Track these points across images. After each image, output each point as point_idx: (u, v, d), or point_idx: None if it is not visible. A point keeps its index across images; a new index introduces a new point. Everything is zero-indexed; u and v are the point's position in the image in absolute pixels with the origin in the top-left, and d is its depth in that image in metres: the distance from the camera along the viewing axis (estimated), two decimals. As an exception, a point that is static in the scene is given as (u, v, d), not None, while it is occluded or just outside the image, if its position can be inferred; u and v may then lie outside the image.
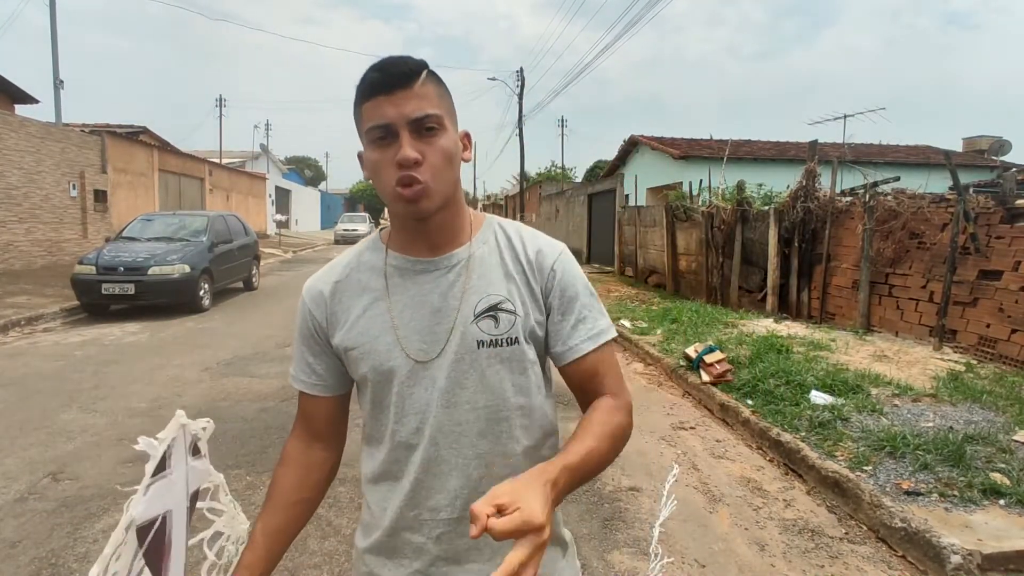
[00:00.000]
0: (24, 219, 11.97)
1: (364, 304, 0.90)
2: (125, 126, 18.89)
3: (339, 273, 0.94)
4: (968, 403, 4.07)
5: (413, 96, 0.80)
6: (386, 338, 0.87)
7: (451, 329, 0.86)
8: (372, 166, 0.84)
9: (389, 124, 0.80)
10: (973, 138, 16.63)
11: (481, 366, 0.86)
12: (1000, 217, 5.35)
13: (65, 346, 6.32)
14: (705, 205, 9.66)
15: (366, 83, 0.82)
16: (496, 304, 0.87)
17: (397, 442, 0.88)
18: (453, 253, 0.89)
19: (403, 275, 0.90)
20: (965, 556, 2.40)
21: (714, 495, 3.19)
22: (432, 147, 0.81)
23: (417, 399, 0.87)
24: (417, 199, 0.81)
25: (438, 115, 0.82)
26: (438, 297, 0.88)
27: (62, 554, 2.50)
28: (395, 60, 0.83)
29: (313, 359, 0.95)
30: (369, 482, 0.94)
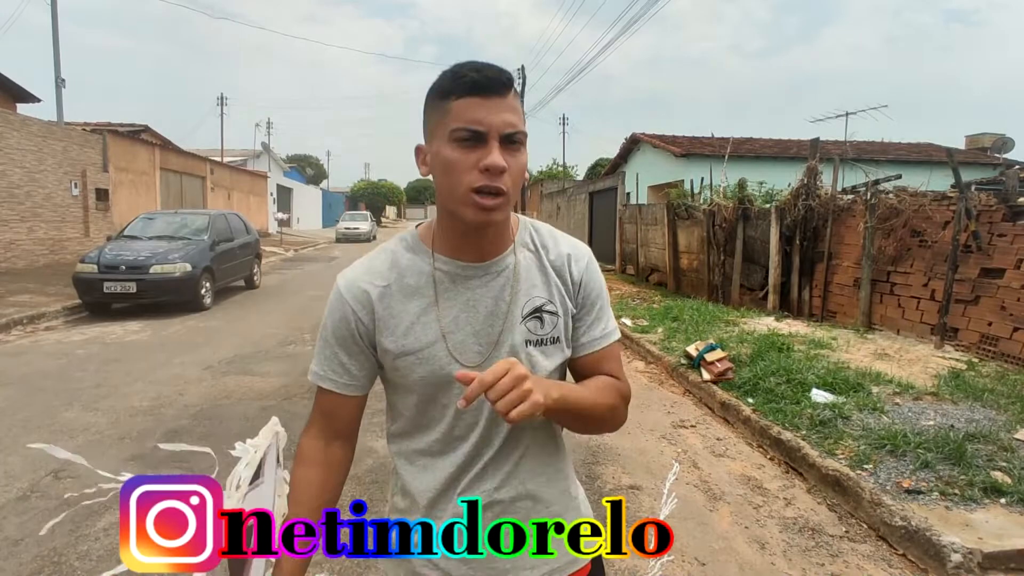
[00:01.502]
0: (26, 218, 11.99)
1: (416, 310, 0.91)
2: (127, 125, 18.91)
3: (386, 276, 0.93)
4: (969, 401, 4.07)
5: (507, 107, 0.82)
6: (442, 345, 0.90)
7: (502, 331, 0.91)
8: (446, 165, 0.83)
9: (481, 130, 0.80)
10: (976, 135, 16.59)
11: (530, 364, 0.91)
12: (1002, 215, 5.34)
13: (67, 345, 6.34)
14: (706, 203, 9.65)
15: (462, 80, 0.81)
16: (541, 306, 0.93)
17: (454, 435, 0.93)
18: (500, 258, 0.93)
19: (453, 280, 0.91)
20: (966, 555, 2.40)
21: (714, 493, 3.19)
22: (515, 160, 0.83)
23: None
24: (496, 209, 0.83)
25: (524, 132, 0.84)
26: (490, 301, 0.91)
27: (64, 552, 2.51)
28: (491, 64, 0.84)
29: (348, 359, 0.95)
30: (408, 463, 0.98)
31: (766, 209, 8.20)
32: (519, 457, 0.95)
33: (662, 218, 10.81)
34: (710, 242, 9.24)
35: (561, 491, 1.01)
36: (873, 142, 16.49)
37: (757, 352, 5.22)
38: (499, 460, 0.94)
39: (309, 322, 7.72)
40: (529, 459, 0.96)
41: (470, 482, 0.93)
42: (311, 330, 7.22)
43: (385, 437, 1.04)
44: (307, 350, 6.17)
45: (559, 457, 1.01)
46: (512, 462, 0.94)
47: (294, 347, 6.32)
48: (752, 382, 4.53)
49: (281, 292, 10.63)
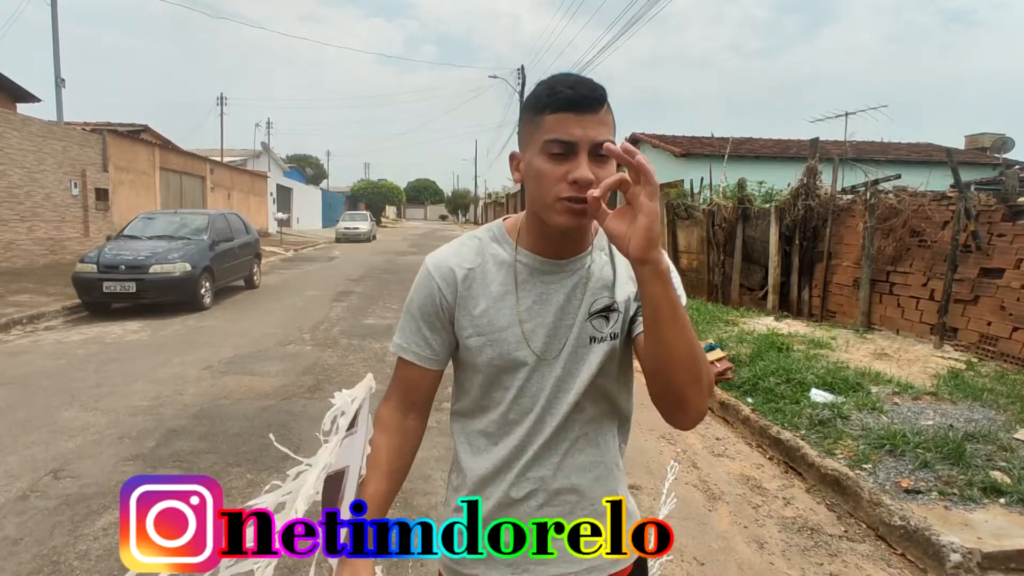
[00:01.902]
0: (26, 218, 11.99)
1: (493, 296, 0.97)
2: (126, 124, 18.90)
3: (472, 260, 0.99)
4: (969, 401, 4.07)
5: (599, 121, 0.86)
6: (514, 331, 0.96)
7: (571, 326, 0.96)
8: (537, 175, 0.89)
9: (573, 142, 0.85)
10: (976, 135, 16.59)
11: (590, 359, 0.96)
12: (1002, 215, 5.34)
13: (67, 344, 6.34)
14: (706, 203, 9.65)
15: (557, 96, 0.86)
16: (608, 306, 0.97)
17: (509, 419, 0.99)
18: (577, 258, 0.98)
19: (532, 273, 0.97)
20: (965, 554, 2.40)
21: (713, 493, 3.19)
22: (603, 171, 0.87)
23: (535, 384, 0.97)
24: (581, 215, 0.88)
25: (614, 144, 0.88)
26: (563, 297, 0.97)
27: (63, 552, 2.51)
28: (585, 81, 0.88)
29: (431, 334, 1.00)
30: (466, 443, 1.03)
31: (766, 209, 8.20)
32: (568, 448, 0.98)
33: (662, 218, 10.81)
34: (710, 242, 9.25)
35: (608, 491, 1.01)
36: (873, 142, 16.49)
37: (756, 352, 5.23)
38: (550, 449, 0.98)
39: (309, 322, 7.72)
40: (578, 453, 0.99)
41: (523, 468, 0.98)
42: (311, 330, 7.22)
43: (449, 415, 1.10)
44: (307, 350, 6.17)
45: (611, 457, 1.03)
46: (560, 454, 0.98)
47: (293, 347, 6.32)
48: (751, 382, 4.53)
49: (281, 292, 10.63)
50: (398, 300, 9.72)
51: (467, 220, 66.83)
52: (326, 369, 5.40)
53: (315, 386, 4.88)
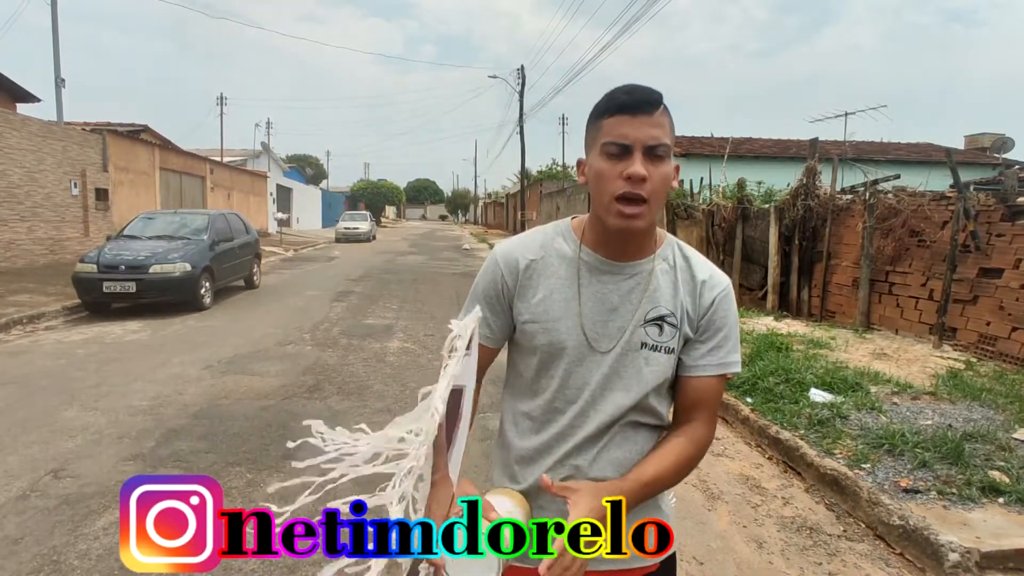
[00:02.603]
0: (26, 218, 11.99)
1: (552, 286, 1.03)
2: (126, 124, 18.90)
3: (536, 252, 1.06)
4: (967, 401, 4.08)
5: (653, 123, 0.91)
6: (567, 321, 1.01)
7: (623, 328, 1.00)
8: (596, 175, 0.95)
9: (627, 143, 0.91)
10: (975, 135, 16.59)
11: (639, 364, 1.00)
12: (1001, 215, 5.35)
13: (67, 344, 6.34)
14: (706, 203, 9.66)
15: (614, 101, 0.93)
16: (664, 316, 1.01)
17: (554, 407, 1.04)
18: (637, 263, 1.02)
19: (591, 271, 1.02)
20: (963, 554, 2.40)
21: (713, 493, 3.20)
22: (658, 170, 0.92)
23: (580, 377, 1.01)
24: (635, 217, 0.93)
25: (669, 145, 0.93)
26: (617, 298, 1.01)
27: (63, 551, 2.51)
28: (642, 87, 0.94)
29: (491, 315, 1.07)
30: (512, 423, 1.10)
31: (765, 209, 8.21)
32: (607, 443, 1.02)
33: (661, 218, 10.79)
34: (709, 242, 9.25)
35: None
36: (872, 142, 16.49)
37: (756, 352, 5.23)
38: (592, 442, 1.02)
39: (309, 322, 7.72)
40: (616, 448, 1.02)
41: (563, 456, 1.03)
42: (310, 330, 7.22)
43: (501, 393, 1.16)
44: (307, 350, 6.18)
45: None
46: (599, 447, 1.02)
47: (293, 347, 6.32)
48: (751, 382, 4.54)
49: (281, 292, 10.63)
50: (398, 300, 9.72)
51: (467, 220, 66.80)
52: (326, 369, 5.40)
53: (315, 386, 4.88)
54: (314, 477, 0.87)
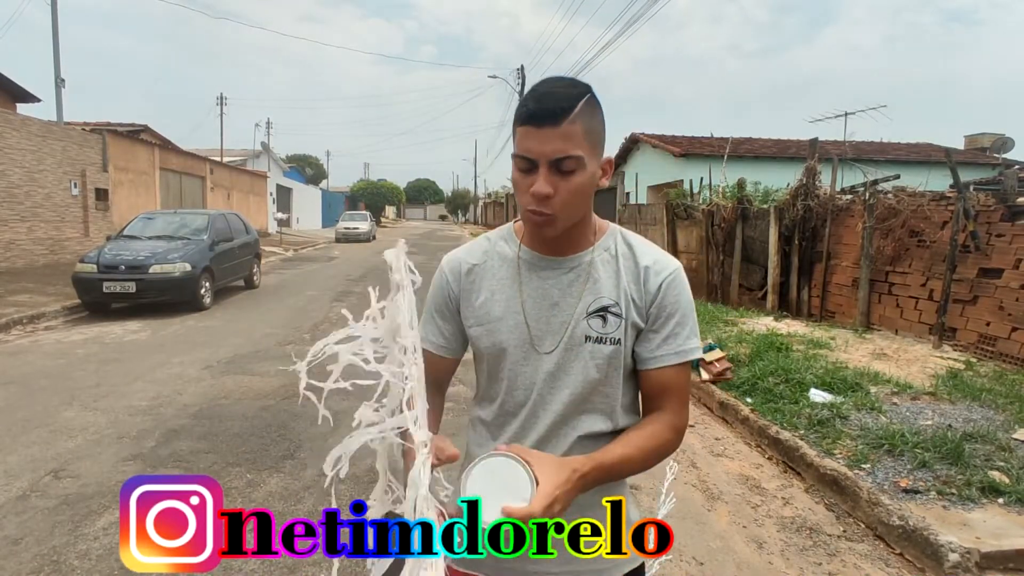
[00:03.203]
0: (26, 218, 11.99)
1: (493, 288, 1.03)
2: (126, 124, 18.90)
3: (478, 257, 1.06)
4: (967, 401, 4.08)
5: (558, 135, 0.87)
6: (508, 321, 1.00)
7: (565, 323, 0.98)
8: (513, 183, 0.94)
9: (532, 158, 0.88)
10: (975, 135, 16.60)
11: (584, 358, 0.97)
12: (1001, 215, 5.34)
13: (66, 344, 6.34)
14: (706, 203, 9.66)
15: (523, 110, 0.89)
16: (606, 306, 0.98)
17: (505, 410, 1.03)
18: (576, 256, 1.00)
19: (531, 268, 1.02)
20: (963, 554, 2.40)
21: (713, 493, 3.20)
22: (567, 183, 0.89)
23: (527, 377, 1.00)
24: (543, 226, 0.93)
25: (578, 156, 0.88)
26: (558, 293, 0.99)
27: (63, 551, 2.51)
28: (552, 92, 0.88)
29: (443, 323, 1.08)
30: (473, 429, 1.11)
31: (765, 209, 8.21)
32: (567, 450, 0.99)
33: (661, 218, 10.82)
34: (709, 242, 9.25)
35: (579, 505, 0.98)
36: (872, 142, 16.50)
37: (756, 352, 5.23)
38: (546, 446, 0.99)
39: (308, 322, 7.72)
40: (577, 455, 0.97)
41: None
42: (310, 330, 7.22)
43: None
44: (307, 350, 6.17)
45: None
46: (559, 453, 0.98)
47: (293, 347, 6.32)
48: (751, 382, 4.54)
49: (280, 292, 10.63)
50: (398, 300, 9.70)
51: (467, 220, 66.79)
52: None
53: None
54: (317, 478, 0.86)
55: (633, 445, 0.96)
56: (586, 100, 0.89)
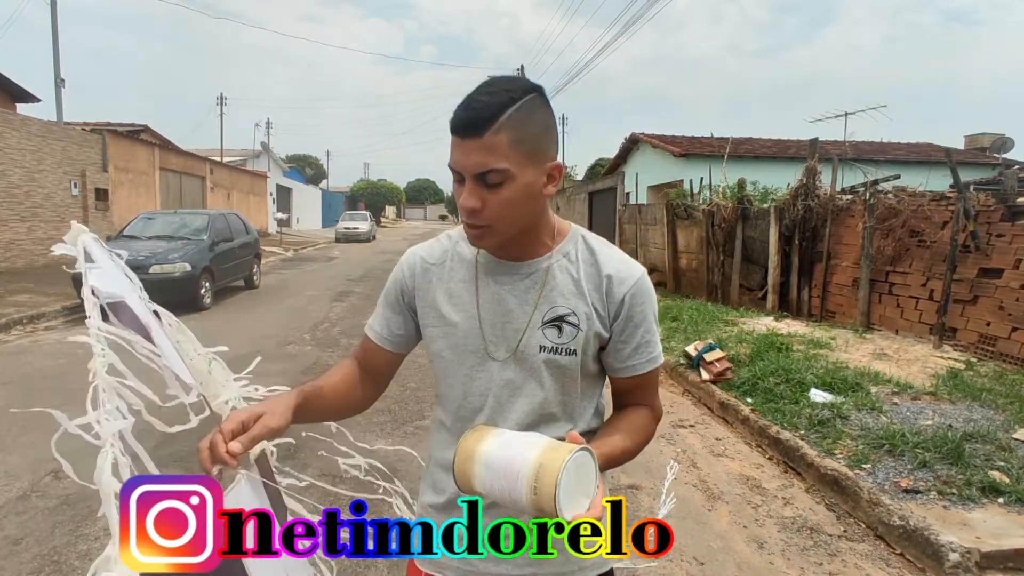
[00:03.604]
0: (26, 218, 11.99)
1: (450, 290, 0.99)
2: (126, 124, 18.90)
3: (438, 256, 1.03)
4: (968, 401, 4.08)
5: (480, 148, 0.83)
6: (463, 326, 0.96)
7: (520, 331, 0.94)
8: (454, 191, 0.91)
9: (459, 171, 0.87)
10: (975, 135, 16.59)
11: (539, 368, 0.94)
12: (1001, 215, 5.35)
13: (67, 344, 6.34)
14: (706, 203, 9.66)
15: (452, 119, 0.86)
16: (562, 316, 0.93)
17: (461, 415, 0.99)
18: (533, 261, 0.96)
19: (488, 272, 0.98)
20: (963, 554, 2.41)
21: (713, 493, 3.20)
22: (495, 196, 0.86)
23: (481, 383, 0.96)
24: (477, 239, 0.91)
25: (502, 169, 0.84)
26: (514, 299, 0.95)
27: (64, 551, 2.51)
28: (478, 99, 0.84)
29: (392, 315, 1.05)
30: (435, 431, 1.08)
31: (765, 209, 8.21)
32: None
33: (661, 218, 10.81)
34: (709, 242, 9.25)
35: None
36: (872, 142, 16.50)
37: (756, 352, 5.23)
38: None
39: (308, 322, 7.72)
40: None
41: None
42: (310, 330, 7.22)
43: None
44: (307, 350, 6.17)
45: None
46: None
47: (293, 347, 6.32)
48: (751, 382, 4.54)
49: (281, 292, 10.63)
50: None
51: (467, 220, 66.65)
52: (326, 369, 5.39)
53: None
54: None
55: (632, 439, 0.96)
56: (518, 107, 0.84)
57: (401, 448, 1.60)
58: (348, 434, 1.25)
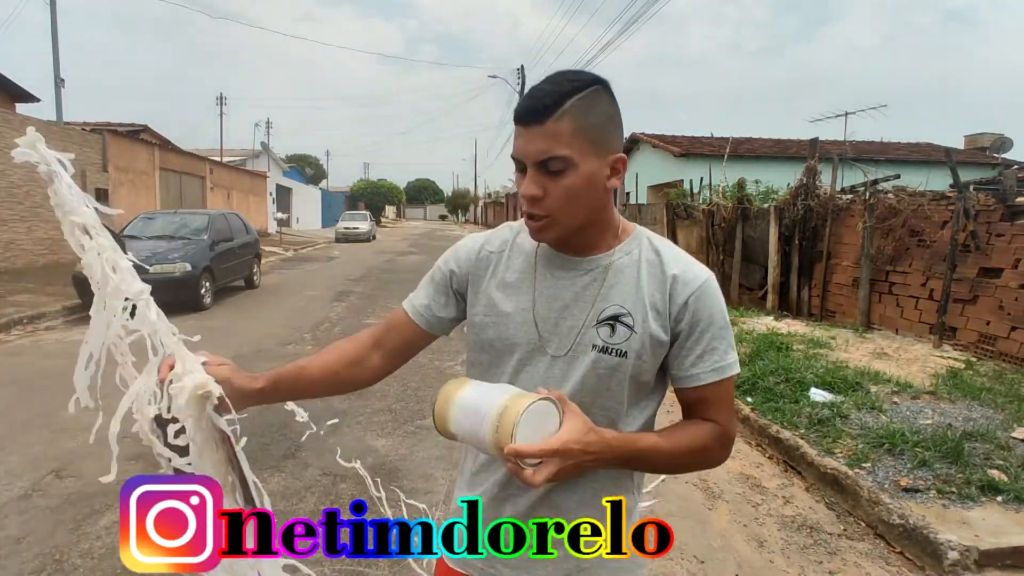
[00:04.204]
0: (26, 217, 11.99)
1: (505, 280, 0.98)
2: (126, 124, 18.90)
3: (497, 245, 1.01)
4: (967, 400, 4.08)
5: (543, 135, 0.83)
6: (517, 317, 0.95)
7: (575, 328, 0.92)
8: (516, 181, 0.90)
9: (521, 159, 0.86)
10: (975, 135, 16.59)
11: (588, 366, 0.91)
12: (1000, 215, 5.35)
13: (67, 344, 6.34)
14: (706, 203, 9.66)
15: (515, 110, 0.86)
16: (617, 315, 0.91)
17: None
18: (594, 258, 0.94)
19: (547, 266, 0.96)
20: (962, 552, 2.41)
21: (713, 492, 3.20)
22: (557, 185, 0.85)
23: (529, 376, 0.94)
24: (537, 231, 0.90)
25: (565, 156, 0.83)
26: (571, 295, 0.93)
27: (66, 550, 2.52)
28: (542, 88, 0.85)
29: (435, 294, 1.04)
30: None
31: (765, 209, 8.21)
32: None
33: (661, 218, 10.81)
34: (709, 242, 9.25)
35: (579, 502, 0.96)
36: (872, 142, 16.51)
37: (756, 351, 5.24)
38: None
39: (308, 322, 7.72)
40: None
41: None
42: (310, 330, 7.22)
43: None
44: (307, 350, 6.18)
45: (606, 485, 0.96)
46: None
47: (294, 347, 6.32)
48: (751, 381, 4.54)
49: (281, 292, 10.63)
50: (398, 300, 9.65)
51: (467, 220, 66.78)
52: (326, 369, 5.40)
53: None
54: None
55: (669, 438, 0.91)
56: (582, 96, 0.83)
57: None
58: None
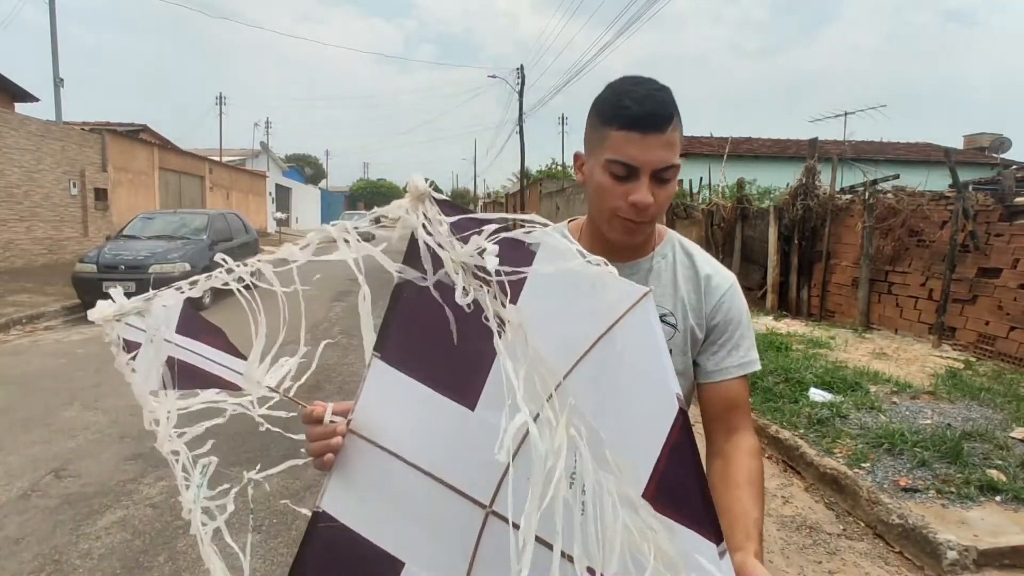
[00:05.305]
0: (25, 217, 11.98)
1: None
2: (125, 124, 18.90)
3: None
4: (966, 400, 4.09)
5: (663, 144, 0.83)
6: None
7: None
8: (598, 188, 0.87)
9: (635, 166, 0.83)
10: (974, 135, 16.60)
11: None
12: (999, 215, 5.36)
13: (66, 344, 6.34)
14: (705, 203, 9.67)
15: (623, 112, 0.82)
16: (661, 316, 0.93)
17: None
18: (636, 262, 0.97)
19: None
20: (961, 552, 2.42)
21: (713, 492, 3.21)
22: (664, 192, 0.86)
23: None
24: (634, 235, 0.90)
25: (677, 165, 0.85)
26: None
27: (65, 551, 2.52)
28: (655, 93, 0.83)
29: None
30: None
31: (764, 209, 8.22)
32: None
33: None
34: (709, 242, 9.26)
35: None
36: (871, 142, 16.51)
37: (755, 351, 5.24)
38: None
39: (308, 322, 7.67)
40: None
41: None
42: (311, 330, 7.21)
43: None
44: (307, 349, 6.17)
45: None
46: None
47: (293, 347, 6.32)
48: (750, 381, 4.54)
49: (280, 292, 10.63)
50: (397, 300, 9.71)
51: (466, 220, 66.67)
52: (326, 368, 5.40)
53: (315, 385, 4.88)
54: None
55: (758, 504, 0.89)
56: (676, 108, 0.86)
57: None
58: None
